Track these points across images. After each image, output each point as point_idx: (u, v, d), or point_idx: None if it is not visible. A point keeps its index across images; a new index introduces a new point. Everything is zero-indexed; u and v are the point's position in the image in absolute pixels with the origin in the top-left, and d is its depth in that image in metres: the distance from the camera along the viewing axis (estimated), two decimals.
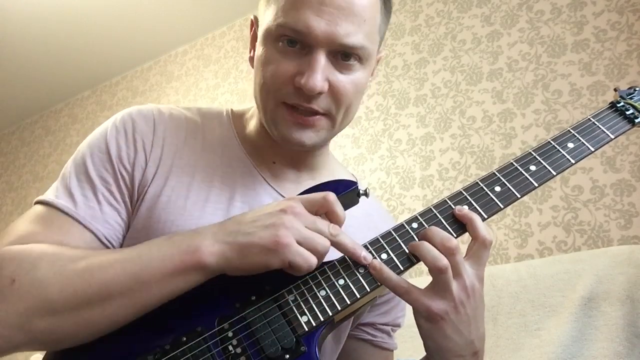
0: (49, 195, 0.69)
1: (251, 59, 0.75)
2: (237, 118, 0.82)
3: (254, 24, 0.75)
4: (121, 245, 0.70)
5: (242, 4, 2.79)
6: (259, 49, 0.70)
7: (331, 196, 0.62)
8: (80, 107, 3.49)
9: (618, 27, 1.84)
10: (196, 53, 3.07)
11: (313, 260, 0.58)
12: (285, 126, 0.69)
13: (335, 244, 0.61)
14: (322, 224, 0.61)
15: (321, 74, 0.65)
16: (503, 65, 2.04)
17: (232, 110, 0.83)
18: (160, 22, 2.90)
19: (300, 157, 0.78)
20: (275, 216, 0.59)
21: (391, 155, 2.20)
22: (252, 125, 0.79)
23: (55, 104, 3.63)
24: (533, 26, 2.02)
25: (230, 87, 2.85)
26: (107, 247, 0.68)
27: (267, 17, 0.68)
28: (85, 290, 0.57)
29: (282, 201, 0.61)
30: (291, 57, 0.66)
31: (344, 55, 0.66)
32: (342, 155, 2.32)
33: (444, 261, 0.59)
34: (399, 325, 0.88)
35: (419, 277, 1.69)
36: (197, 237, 0.59)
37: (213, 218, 0.69)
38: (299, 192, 0.73)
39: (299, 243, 0.58)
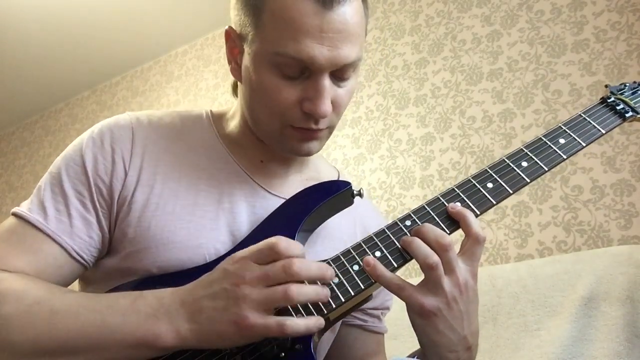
0: (23, 208, 0.69)
1: (234, 70, 0.74)
2: (218, 119, 0.82)
3: (231, 35, 0.72)
4: (99, 253, 0.70)
5: None
6: (252, 69, 0.68)
7: (280, 244, 0.58)
8: (80, 107, 3.49)
9: (618, 27, 1.84)
10: (196, 53, 3.07)
11: (307, 320, 0.58)
12: (292, 142, 0.71)
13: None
14: (276, 270, 0.57)
15: (328, 98, 0.66)
16: (503, 65, 2.04)
17: (211, 111, 0.83)
18: (160, 22, 2.90)
19: (289, 157, 0.79)
20: (233, 294, 0.56)
21: (391, 155, 2.20)
22: (234, 125, 0.79)
23: (55, 104, 3.63)
24: (533, 26, 2.02)
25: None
26: (78, 261, 0.68)
27: (259, 40, 0.66)
28: (45, 340, 0.58)
29: (231, 268, 0.58)
30: (294, 83, 0.66)
31: (342, 71, 0.67)
32: (342, 155, 2.32)
33: (434, 258, 0.60)
34: (387, 309, 0.89)
35: (419, 277, 1.69)
36: (159, 318, 0.58)
37: (203, 221, 0.70)
38: (288, 189, 0.74)
39: (268, 307, 0.56)
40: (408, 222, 0.66)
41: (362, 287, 0.62)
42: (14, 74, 3.19)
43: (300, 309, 0.61)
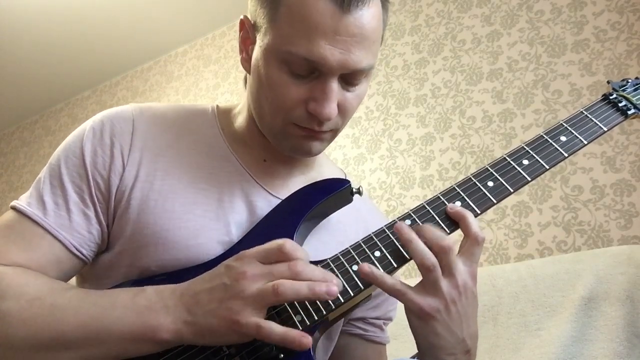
0: (22, 201, 0.69)
1: (244, 61, 0.73)
2: (224, 114, 0.80)
3: (245, 25, 0.73)
4: (98, 248, 0.70)
5: (242, 4, 2.79)
6: (261, 62, 0.67)
7: (287, 246, 0.58)
8: (80, 107, 3.49)
9: (618, 27, 1.84)
10: (196, 53, 3.07)
11: (287, 330, 0.56)
12: (294, 140, 0.70)
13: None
14: (280, 269, 0.57)
15: (334, 101, 0.65)
16: (503, 65, 2.04)
17: (217, 106, 0.81)
18: (160, 22, 2.90)
19: (292, 157, 0.77)
20: (230, 289, 0.56)
21: (391, 155, 2.20)
22: (240, 122, 0.78)
23: (55, 104, 3.63)
24: (533, 26, 2.02)
25: (230, 87, 2.85)
26: (77, 257, 0.68)
27: (272, 34, 0.65)
28: (44, 335, 0.58)
29: (235, 264, 0.58)
30: (302, 81, 0.65)
31: (353, 76, 0.66)
32: (342, 155, 2.32)
33: (432, 259, 0.59)
34: (390, 319, 0.88)
35: (419, 277, 1.69)
36: (157, 311, 0.58)
37: (203, 220, 0.69)
38: (289, 192, 0.73)
39: (260, 304, 0.56)
40: (408, 222, 0.65)
41: (362, 288, 0.61)
42: (14, 74, 3.19)
43: (300, 310, 0.60)
